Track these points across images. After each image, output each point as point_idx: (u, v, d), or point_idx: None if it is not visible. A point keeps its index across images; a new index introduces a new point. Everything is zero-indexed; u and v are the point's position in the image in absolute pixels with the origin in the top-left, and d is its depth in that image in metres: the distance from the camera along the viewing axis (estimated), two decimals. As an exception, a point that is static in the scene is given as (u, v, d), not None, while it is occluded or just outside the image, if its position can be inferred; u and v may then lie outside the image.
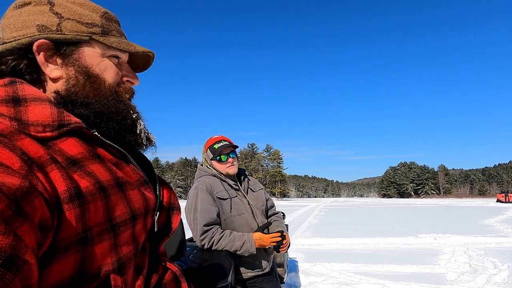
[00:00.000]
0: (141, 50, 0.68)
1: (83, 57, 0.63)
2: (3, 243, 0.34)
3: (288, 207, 24.40)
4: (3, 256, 0.33)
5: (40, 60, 0.59)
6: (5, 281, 0.33)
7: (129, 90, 0.69)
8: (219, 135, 2.01)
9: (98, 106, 0.61)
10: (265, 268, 1.87)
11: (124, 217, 0.55)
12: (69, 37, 0.61)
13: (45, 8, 0.61)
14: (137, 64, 0.75)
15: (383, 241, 7.06)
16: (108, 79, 0.65)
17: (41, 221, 0.41)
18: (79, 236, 0.47)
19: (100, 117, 0.62)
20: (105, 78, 0.64)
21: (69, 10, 0.62)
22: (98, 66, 0.64)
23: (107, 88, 0.64)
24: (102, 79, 0.64)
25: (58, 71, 0.61)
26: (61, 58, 0.61)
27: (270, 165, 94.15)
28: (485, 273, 4.23)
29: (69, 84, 0.61)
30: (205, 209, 1.74)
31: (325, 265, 4.74)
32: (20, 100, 0.52)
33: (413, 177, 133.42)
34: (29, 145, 0.47)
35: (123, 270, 0.54)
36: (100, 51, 0.64)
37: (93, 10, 0.65)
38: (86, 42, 0.63)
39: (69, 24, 0.61)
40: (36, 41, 0.58)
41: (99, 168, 0.54)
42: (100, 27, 0.64)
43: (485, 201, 41.55)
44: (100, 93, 0.62)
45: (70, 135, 0.54)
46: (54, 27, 0.60)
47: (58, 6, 0.62)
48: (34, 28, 0.59)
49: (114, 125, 0.63)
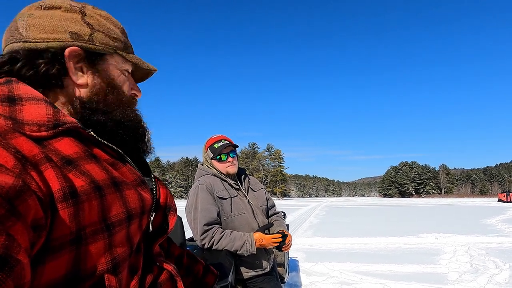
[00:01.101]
0: (152, 69, 0.75)
1: (107, 68, 0.67)
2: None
3: (289, 207, 24.42)
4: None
5: (70, 66, 0.61)
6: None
7: (135, 102, 0.74)
8: (219, 135, 2.01)
9: (118, 115, 0.65)
10: (265, 268, 1.87)
11: (119, 217, 0.54)
12: (99, 48, 0.65)
13: (77, 16, 0.63)
14: (135, 77, 0.80)
15: (384, 240, 7.06)
16: (125, 91, 0.70)
17: (34, 220, 0.41)
18: (73, 235, 0.47)
19: (119, 125, 0.65)
20: (124, 90, 0.69)
21: (99, 23, 0.66)
22: (118, 78, 0.69)
23: (126, 99, 0.69)
24: (122, 90, 0.69)
25: (84, 78, 0.63)
26: (88, 67, 0.64)
27: (271, 164, 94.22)
28: (487, 272, 4.22)
29: (93, 92, 0.64)
30: (205, 208, 1.74)
31: (326, 264, 4.73)
32: (16, 99, 0.51)
33: (414, 176, 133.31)
34: (23, 144, 0.46)
35: (118, 270, 0.54)
36: (120, 65, 0.69)
37: (116, 26, 0.70)
38: (110, 55, 0.67)
39: (99, 36, 0.65)
40: (68, 47, 0.61)
41: (94, 168, 0.54)
42: (123, 43, 0.70)
43: (487, 201, 41.43)
44: (121, 103, 0.67)
45: (65, 134, 0.54)
46: (87, 36, 0.63)
47: (89, 17, 0.65)
48: (66, 34, 0.61)
49: (130, 134, 0.67)
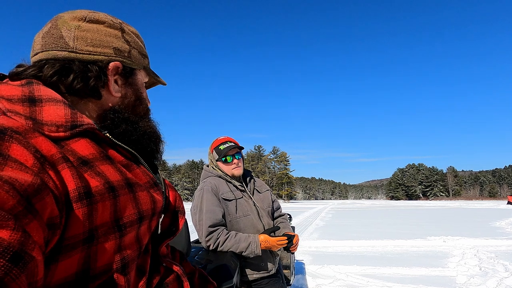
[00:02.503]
0: (164, 83, 0.83)
1: (137, 82, 0.72)
2: (12, 239, 0.34)
3: (295, 209, 24.33)
4: (11, 251, 0.34)
5: (110, 79, 0.65)
6: (11, 276, 0.33)
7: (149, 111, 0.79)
8: (225, 136, 2.01)
9: (143, 125, 0.69)
10: (270, 270, 1.86)
11: (131, 218, 0.55)
12: (134, 65, 0.70)
13: (118, 33, 0.68)
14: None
15: (391, 243, 6.99)
16: (147, 102, 0.75)
17: (50, 218, 0.42)
18: (85, 235, 0.48)
19: (144, 135, 0.68)
20: (146, 101, 0.74)
21: (134, 40, 0.71)
22: (143, 91, 0.74)
23: (147, 111, 0.74)
24: (145, 102, 0.74)
25: (119, 89, 0.68)
26: (122, 80, 0.69)
27: (277, 167, 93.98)
28: (496, 276, 4.15)
29: (124, 103, 0.68)
30: (210, 210, 1.74)
31: (332, 267, 4.70)
32: (36, 100, 0.53)
33: (421, 179, 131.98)
34: (42, 143, 0.48)
35: (127, 270, 0.54)
36: (144, 79, 0.75)
37: (142, 43, 0.75)
38: (139, 69, 0.72)
39: (135, 53, 0.70)
40: (112, 62, 0.65)
41: (109, 169, 0.55)
42: (148, 59, 0.75)
43: (496, 203, 40.87)
44: (145, 114, 0.73)
45: (82, 136, 0.55)
46: (126, 53, 0.68)
47: (127, 34, 0.70)
48: (111, 50, 0.65)
49: (150, 143, 0.70)
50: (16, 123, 0.47)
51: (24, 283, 0.35)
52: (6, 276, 0.32)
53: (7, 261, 0.33)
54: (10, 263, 0.33)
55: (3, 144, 0.42)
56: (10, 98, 0.52)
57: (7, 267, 0.33)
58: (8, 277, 0.32)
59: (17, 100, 0.52)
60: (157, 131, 0.73)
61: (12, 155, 0.41)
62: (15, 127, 0.46)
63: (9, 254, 0.33)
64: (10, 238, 0.34)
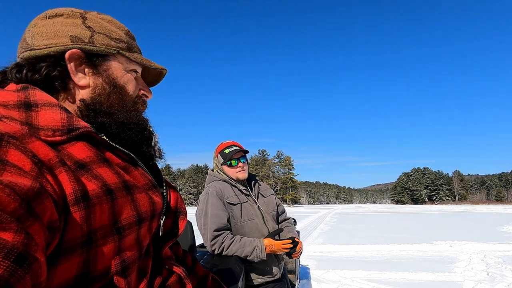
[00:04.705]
0: (158, 67, 0.74)
1: (110, 69, 0.67)
2: (16, 240, 0.35)
3: (300, 214, 24.22)
4: (15, 253, 0.34)
5: (71, 68, 0.63)
6: (17, 277, 0.33)
7: (144, 103, 0.74)
8: (229, 140, 2.02)
9: (121, 116, 0.65)
10: (275, 275, 1.86)
11: (130, 220, 0.55)
12: (100, 50, 0.65)
13: (78, 21, 0.65)
14: (149, 79, 0.80)
15: (397, 248, 6.92)
16: (130, 91, 0.70)
17: (49, 222, 0.42)
18: (84, 238, 0.48)
19: (122, 127, 0.65)
20: (127, 90, 0.69)
21: (100, 25, 0.67)
22: (122, 78, 0.69)
23: (129, 100, 0.69)
24: (126, 90, 0.69)
25: (85, 79, 0.65)
26: (90, 68, 0.65)
27: (281, 171, 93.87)
28: (504, 281, 4.09)
29: (95, 92, 0.65)
30: (215, 214, 1.74)
31: (337, 272, 4.67)
32: (32, 105, 0.54)
33: (427, 183, 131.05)
34: (39, 148, 0.48)
35: (127, 272, 0.54)
36: (124, 65, 0.69)
37: (119, 28, 0.71)
38: (113, 55, 0.68)
39: (100, 38, 0.66)
40: (68, 50, 0.62)
41: (106, 172, 0.55)
42: (126, 43, 0.70)
43: (503, 208, 40.39)
44: (124, 103, 0.67)
45: (79, 139, 0.56)
46: (87, 39, 0.64)
47: (90, 20, 0.67)
48: (67, 38, 0.63)
49: (133, 136, 0.66)
50: (13, 128, 0.47)
51: (29, 284, 0.35)
52: (12, 277, 0.33)
53: (12, 262, 0.33)
54: (15, 264, 0.33)
55: (0, 149, 0.42)
56: (5, 104, 0.53)
57: (12, 268, 0.33)
58: (13, 278, 0.33)
59: (12, 106, 0.52)
60: (142, 123, 0.69)
61: (10, 160, 0.42)
62: (12, 132, 0.46)
63: (14, 255, 0.34)
64: (13, 240, 0.34)
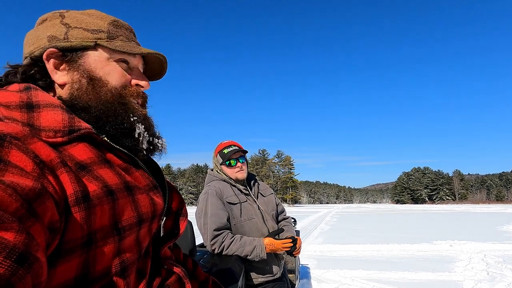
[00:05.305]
0: (145, 52, 0.68)
1: (87, 61, 0.64)
2: (17, 240, 0.35)
3: (300, 213, 24.23)
4: (16, 252, 0.34)
5: (49, 67, 0.63)
6: (18, 276, 0.34)
7: (139, 94, 0.69)
8: (229, 140, 2.02)
9: (96, 111, 0.62)
10: (275, 274, 1.86)
11: (130, 221, 0.55)
12: (74, 44, 0.64)
13: (56, 21, 0.66)
14: (153, 70, 0.77)
15: (397, 247, 6.93)
16: (112, 81, 0.65)
17: (50, 222, 0.42)
18: (84, 239, 0.48)
19: (98, 122, 0.62)
20: (108, 80, 0.65)
21: (77, 20, 0.66)
22: (102, 69, 0.65)
23: (109, 90, 0.64)
24: (104, 81, 0.64)
25: (65, 77, 0.64)
26: (67, 65, 0.64)
27: (281, 171, 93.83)
28: (504, 281, 4.09)
29: (73, 88, 0.63)
30: (215, 213, 1.75)
31: (337, 271, 4.67)
32: (34, 106, 0.54)
33: (427, 182, 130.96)
34: (41, 149, 0.48)
35: (126, 273, 0.55)
36: (107, 55, 0.66)
37: (101, 19, 0.68)
38: (91, 47, 0.65)
39: (75, 32, 0.64)
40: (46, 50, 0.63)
41: (107, 173, 0.55)
42: (106, 33, 0.66)
43: (503, 207, 40.32)
44: (101, 95, 0.63)
45: (80, 140, 0.56)
46: (62, 36, 0.64)
47: (68, 17, 0.66)
48: (45, 40, 0.64)
49: (109, 129, 0.63)
50: (15, 129, 0.47)
51: (30, 284, 0.35)
52: (13, 276, 0.33)
53: (13, 262, 0.33)
54: (16, 264, 0.34)
55: (2, 150, 0.42)
56: (8, 104, 0.53)
57: (13, 267, 0.33)
58: (14, 277, 0.33)
59: (15, 106, 0.53)
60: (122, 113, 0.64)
61: (12, 161, 0.42)
62: (14, 133, 0.46)
63: (15, 255, 0.34)
64: (15, 239, 0.35)
